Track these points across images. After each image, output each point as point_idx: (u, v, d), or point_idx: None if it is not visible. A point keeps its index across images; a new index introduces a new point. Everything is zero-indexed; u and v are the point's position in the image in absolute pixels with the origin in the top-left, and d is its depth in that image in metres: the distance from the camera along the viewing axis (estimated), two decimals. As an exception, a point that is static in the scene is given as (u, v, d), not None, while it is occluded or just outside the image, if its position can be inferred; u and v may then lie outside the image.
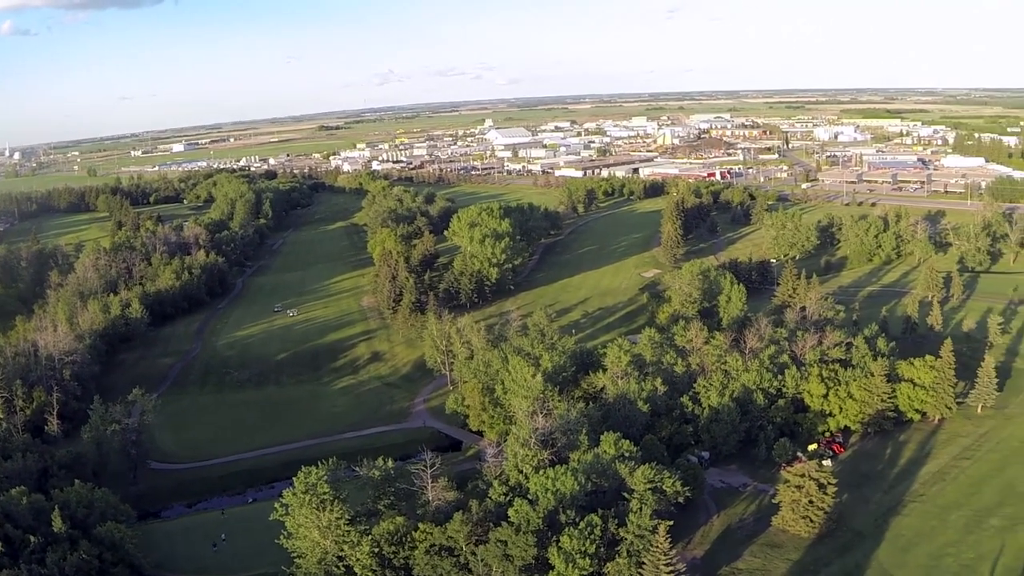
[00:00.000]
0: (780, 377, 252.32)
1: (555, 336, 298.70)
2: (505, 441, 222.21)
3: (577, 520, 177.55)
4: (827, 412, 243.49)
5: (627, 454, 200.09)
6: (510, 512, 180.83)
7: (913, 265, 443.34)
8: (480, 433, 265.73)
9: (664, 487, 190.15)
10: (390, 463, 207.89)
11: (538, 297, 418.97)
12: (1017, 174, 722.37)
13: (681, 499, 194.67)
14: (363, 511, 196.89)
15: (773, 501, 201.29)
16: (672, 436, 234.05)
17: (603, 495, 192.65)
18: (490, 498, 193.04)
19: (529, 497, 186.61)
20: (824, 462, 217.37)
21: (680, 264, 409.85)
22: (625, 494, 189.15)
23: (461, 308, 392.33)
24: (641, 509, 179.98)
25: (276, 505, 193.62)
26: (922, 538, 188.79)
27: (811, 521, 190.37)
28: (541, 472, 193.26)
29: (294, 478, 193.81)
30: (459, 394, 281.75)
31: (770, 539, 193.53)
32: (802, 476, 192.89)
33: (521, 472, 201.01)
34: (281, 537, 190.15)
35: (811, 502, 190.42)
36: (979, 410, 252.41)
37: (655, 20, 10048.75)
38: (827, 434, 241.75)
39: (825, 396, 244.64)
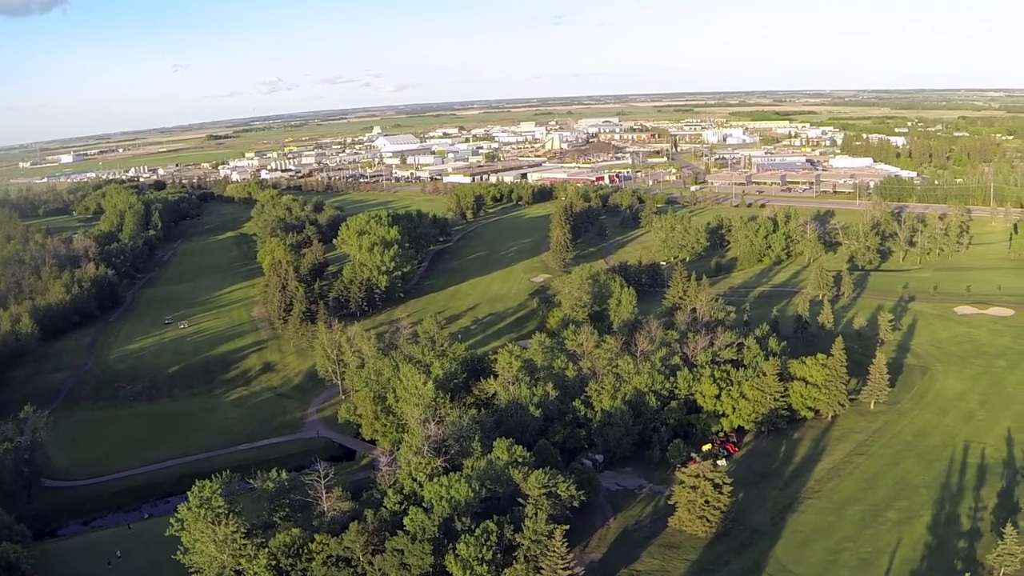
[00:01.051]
0: (672, 379, 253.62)
1: (445, 343, 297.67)
2: (398, 449, 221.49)
3: (473, 527, 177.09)
4: (720, 412, 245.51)
5: (520, 460, 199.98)
6: (405, 521, 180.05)
7: (803, 265, 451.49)
8: (373, 442, 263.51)
9: (559, 491, 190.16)
10: (284, 475, 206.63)
11: (428, 304, 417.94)
12: (905, 173, 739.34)
13: (576, 503, 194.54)
14: (259, 524, 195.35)
15: (669, 502, 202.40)
16: (565, 440, 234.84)
17: (498, 501, 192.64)
18: (385, 507, 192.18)
19: (424, 505, 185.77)
20: (719, 462, 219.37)
21: (569, 268, 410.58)
22: (520, 500, 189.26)
23: (351, 317, 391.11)
24: (536, 514, 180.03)
25: (171, 520, 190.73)
26: (819, 534, 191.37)
27: (708, 521, 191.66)
28: (435, 480, 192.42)
29: (189, 492, 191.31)
30: (351, 403, 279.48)
31: (667, 540, 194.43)
32: (697, 476, 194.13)
33: (415, 480, 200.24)
34: (178, 552, 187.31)
35: (707, 502, 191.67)
36: (872, 406, 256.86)
37: (543, 26, 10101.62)
38: (721, 434, 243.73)
39: (718, 396, 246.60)
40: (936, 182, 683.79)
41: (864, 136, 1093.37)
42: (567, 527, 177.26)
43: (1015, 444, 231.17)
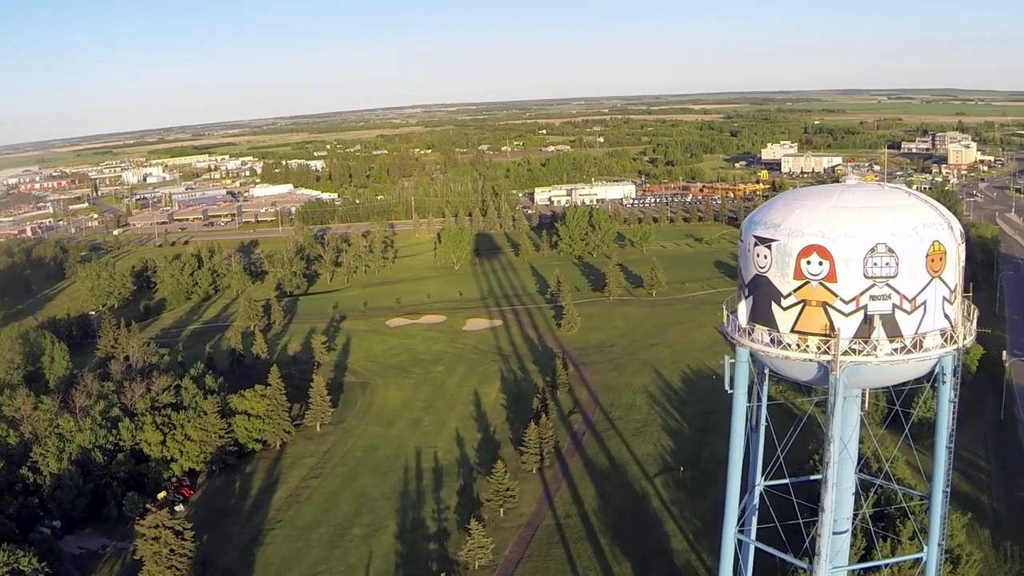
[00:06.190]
0: (115, 431, 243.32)
1: None
2: None
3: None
4: (169, 458, 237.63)
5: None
6: None
7: (232, 298, 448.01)
8: None
9: (21, 567, 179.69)
10: None
11: None
12: (325, 196, 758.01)
13: (42, 575, 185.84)
14: None
15: (135, 558, 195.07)
16: (20, 511, 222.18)
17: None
18: None
19: None
20: (176, 508, 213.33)
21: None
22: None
23: None
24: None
25: None
26: (290, 562, 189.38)
27: (178, 569, 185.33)
28: None
29: None
30: None
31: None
32: (157, 527, 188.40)
33: None
34: None
35: (172, 551, 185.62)
36: (318, 428, 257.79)
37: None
38: (173, 479, 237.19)
39: (163, 442, 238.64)
40: (357, 201, 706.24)
41: (284, 163, 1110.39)
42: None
43: (465, 443, 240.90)
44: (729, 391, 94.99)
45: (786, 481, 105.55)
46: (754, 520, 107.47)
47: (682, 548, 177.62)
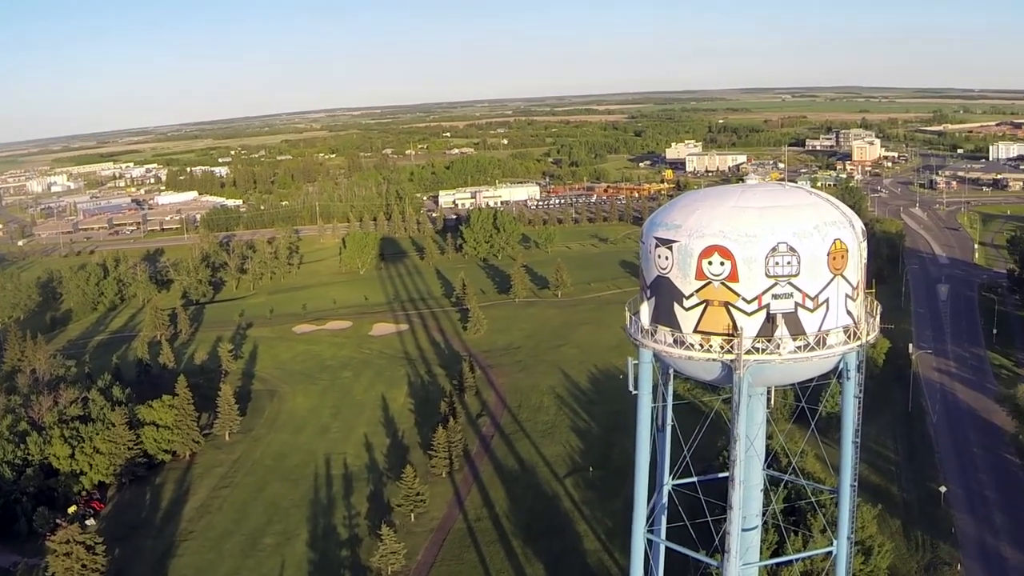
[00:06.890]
0: (23, 446, 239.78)
1: None
2: None
3: None
4: (78, 471, 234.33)
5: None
6: None
7: (139, 307, 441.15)
8: None
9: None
10: None
11: None
12: (231, 202, 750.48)
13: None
14: None
15: (47, 574, 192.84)
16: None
17: None
18: None
19: None
20: (87, 522, 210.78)
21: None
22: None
23: None
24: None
25: None
26: (203, 574, 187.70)
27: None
28: None
29: None
30: None
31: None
32: (67, 542, 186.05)
33: None
34: None
35: (84, 566, 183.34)
36: (227, 437, 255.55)
37: None
38: (83, 493, 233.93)
39: (72, 456, 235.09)
40: (262, 207, 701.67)
41: (188, 170, 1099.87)
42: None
43: (374, 448, 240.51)
44: (633, 392, 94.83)
45: (694, 479, 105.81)
46: (663, 519, 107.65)
47: (594, 548, 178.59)
